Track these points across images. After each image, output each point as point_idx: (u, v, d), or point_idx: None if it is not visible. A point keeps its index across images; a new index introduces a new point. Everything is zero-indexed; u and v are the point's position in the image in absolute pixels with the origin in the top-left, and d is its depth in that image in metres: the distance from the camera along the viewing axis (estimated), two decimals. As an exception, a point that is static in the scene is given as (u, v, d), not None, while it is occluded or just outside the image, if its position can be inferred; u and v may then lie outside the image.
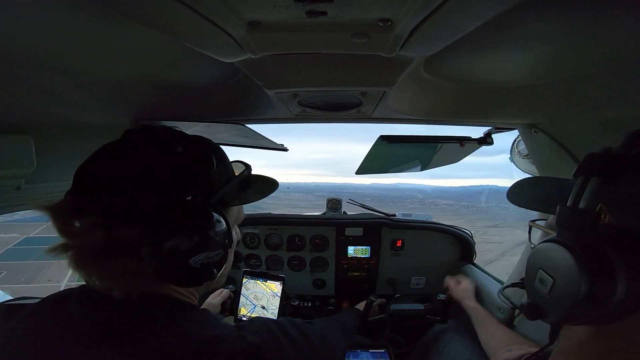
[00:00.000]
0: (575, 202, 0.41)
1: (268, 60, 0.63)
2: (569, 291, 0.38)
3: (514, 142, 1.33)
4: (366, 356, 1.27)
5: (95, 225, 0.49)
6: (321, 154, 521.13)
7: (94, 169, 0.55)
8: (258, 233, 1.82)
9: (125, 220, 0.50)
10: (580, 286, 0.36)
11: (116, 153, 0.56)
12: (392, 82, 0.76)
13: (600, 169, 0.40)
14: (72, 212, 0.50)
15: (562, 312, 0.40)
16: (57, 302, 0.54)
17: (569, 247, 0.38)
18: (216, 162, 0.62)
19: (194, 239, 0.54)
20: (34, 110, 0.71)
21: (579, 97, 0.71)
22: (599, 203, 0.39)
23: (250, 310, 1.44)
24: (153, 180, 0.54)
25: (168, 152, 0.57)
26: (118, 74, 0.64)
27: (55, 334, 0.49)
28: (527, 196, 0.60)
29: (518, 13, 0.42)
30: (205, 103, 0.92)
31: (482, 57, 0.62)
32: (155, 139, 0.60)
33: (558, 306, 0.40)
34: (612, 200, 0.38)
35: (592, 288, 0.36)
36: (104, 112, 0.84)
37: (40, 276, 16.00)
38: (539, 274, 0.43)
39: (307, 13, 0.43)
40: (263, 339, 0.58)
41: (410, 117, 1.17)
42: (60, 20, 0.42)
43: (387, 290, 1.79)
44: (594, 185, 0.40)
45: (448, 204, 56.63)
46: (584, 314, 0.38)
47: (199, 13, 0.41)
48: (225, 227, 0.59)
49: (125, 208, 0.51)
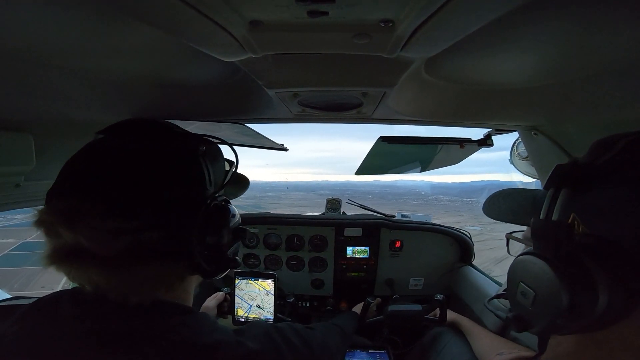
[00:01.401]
0: (548, 214, 0.42)
1: (269, 59, 0.63)
2: (551, 303, 0.38)
3: (514, 144, 1.34)
4: (365, 357, 1.27)
5: (118, 229, 0.46)
6: (322, 152, 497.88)
7: (108, 167, 0.50)
8: (257, 232, 1.82)
9: (154, 223, 0.48)
10: (562, 298, 0.36)
11: (132, 149, 0.53)
12: (393, 83, 0.76)
13: (569, 180, 0.41)
14: (92, 214, 0.46)
15: (546, 324, 0.40)
16: (50, 306, 0.52)
17: (546, 259, 0.39)
18: (222, 158, 0.68)
19: (226, 232, 0.60)
20: (34, 108, 0.71)
21: (579, 99, 0.72)
22: (571, 213, 0.40)
23: (247, 311, 1.44)
24: (182, 180, 0.54)
25: (193, 151, 0.58)
26: (119, 72, 0.63)
27: (48, 338, 0.47)
28: (502, 208, 0.60)
29: (519, 15, 0.42)
30: (205, 102, 0.92)
31: (483, 58, 0.62)
32: (174, 136, 0.61)
33: (542, 318, 0.40)
34: (583, 210, 0.39)
35: (574, 299, 0.36)
36: (104, 110, 0.84)
37: (33, 283, 15.80)
38: (520, 286, 0.43)
39: (309, 13, 0.43)
40: (262, 345, 0.56)
41: (410, 118, 1.17)
42: (61, 18, 0.42)
43: (386, 291, 1.79)
44: (564, 197, 0.41)
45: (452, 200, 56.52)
46: (568, 325, 0.38)
47: (201, 12, 0.41)
48: (240, 219, 0.67)
49: (156, 209, 0.49)
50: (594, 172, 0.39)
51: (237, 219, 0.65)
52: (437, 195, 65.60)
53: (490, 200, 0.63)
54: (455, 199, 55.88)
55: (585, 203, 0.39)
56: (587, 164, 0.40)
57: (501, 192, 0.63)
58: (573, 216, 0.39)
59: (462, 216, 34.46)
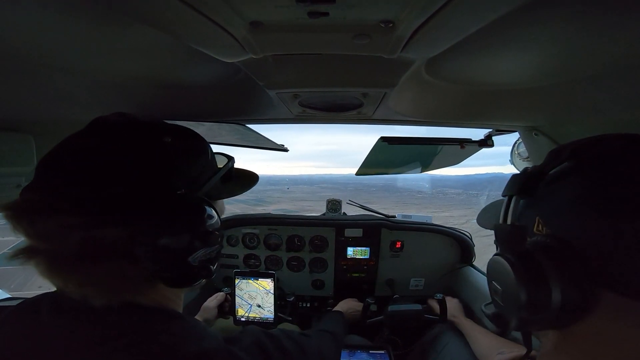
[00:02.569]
0: (504, 219, 0.47)
1: (269, 60, 0.63)
2: (513, 298, 0.41)
3: (514, 144, 1.34)
4: (366, 357, 1.26)
5: (71, 225, 0.43)
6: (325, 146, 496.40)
7: (66, 161, 0.48)
8: (257, 233, 1.82)
9: (108, 219, 0.45)
10: (520, 293, 0.39)
11: (93, 143, 0.50)
12: (393, 83, 0.76)
13: (519, 189, 0.46)
14: (40, 210, 0.43)
15: (514, 319, 0.42)
16: (28, 311, 0.49)
17: (505, 257, 0.42)
18: (203, 153, 0.60)
19: (191, 236, 0.51)
20: (35, 108, 0.71)
21: (579, 99, 0.72)
22: (534, 217, 0.44)
23: (247, 310, 1.44)
24: (141, 173, 0.49)
25: (155, 142, 0.53)
26: (119, 73, 0.63)
27: (25, 345, 0.45)
28: (491, 219, 0.62)
29: (520, 15, 0.42)
30: (205, 103, 0.92)
31: (484, 59, 0.62)
32: (136, 128, 0.54)
33: (510, 313, 0.43)
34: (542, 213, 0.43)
35: (530, 294, 0.39)
36: (104, 111, 0.83)
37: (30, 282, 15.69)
38: (492, 285, 0.47)
39: (309, 14, 0.43)
40: (253, 356, 0.53)
41: (411, 119, 1.17)
42: (62, 19, 0.42)
43: (386, 292, 1.79)
44: (515, 203, 0.46)
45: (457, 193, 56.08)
46: (533, 319, 0.40)
47: (202, 13, 0.41)
48: (219, 222, 0.57)
49: (109, 205, 0.45)
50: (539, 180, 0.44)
51: (212, 221, 0.55)
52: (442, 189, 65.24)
53: (483, 213, 0.66)
54: (460, 192, 55.49)
55: (542, 207, 0.43)
56: (535, 172, 0.45)
57: (493, 204, 0.66)
58: (537, 219, 0.43)
59: (468, 209, 34.15)
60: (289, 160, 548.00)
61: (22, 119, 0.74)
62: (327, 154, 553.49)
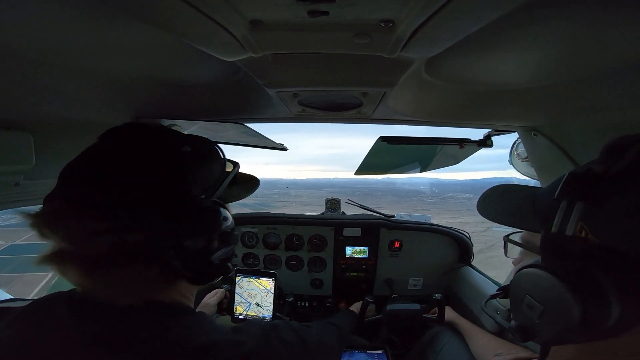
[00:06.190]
0: (561, 228, 0.40)
1: (269, 59, 0.63)
2: (561, 318, 0.38)
3: (514, 144, 1.34)
4: (364, 357, 1.27)
5: (102, 230, 0.46)
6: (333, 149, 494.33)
7: (92, 169, 0.51)
8: (256, 232, 1.82)
9: (137, 224, 0.48)
10: (574, 314, 0.36)
11: (116, 151, 0.54)
12: (393, 83, 0.76)
13: (585, 193, 0.39)
14: (72, 217, 0.46)
15: (552, 336, 0.40)
16: (44, 308, 0.52)
17: (557, 275, 0.38)
18: (218, 160, 0.66)
19: (213, 237, 0.57)
20: (34, 107, 0.70)
21: (578, 100, 0.72)
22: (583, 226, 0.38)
23: (246, 308, 1.44)
24: (164, 180, 0.53)
25: (176, 151, 0.57)
26: (119, 72, 0.63)
27: (42, 341, 0.47)
28: (499, 209, 0.57)
29: (519, 16, 0.42)
30: (205, 101, 0.92)
31: (483, 59, 0.62)
32: (156, 136, 0.59)
33: (549, 331, 0.40)
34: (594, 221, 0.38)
35: (586, 314, 0.36)
36: (104, 110, 0.84)
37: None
38: (526, 299, 0.43)
39: (309, 13, 0.43)
40: (258, 344, 0.56)
41: (410, 119, 1.18)
42: (61, 18, 0.42)
43: (385, 291, 1.79)
44: (579, 211, 0.38)
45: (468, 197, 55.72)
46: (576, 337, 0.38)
47: (202, 12, 0.41)
48: (234, 223, 0.63)
49: (136, 210, 0.49)
50: (609, 185, 0.37)
51: (228, 222, 0.61)
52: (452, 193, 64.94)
53: (484, 199, 0.59)
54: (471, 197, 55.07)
55: (597, 214, 0.37)
56: (602, 174, 0.38)
57: (495, 190, 0.60)
58: (580, 224, 0.38)
59: (484, 214, 33.83)
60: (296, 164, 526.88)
61: (21, 118, 0.74)
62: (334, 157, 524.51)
